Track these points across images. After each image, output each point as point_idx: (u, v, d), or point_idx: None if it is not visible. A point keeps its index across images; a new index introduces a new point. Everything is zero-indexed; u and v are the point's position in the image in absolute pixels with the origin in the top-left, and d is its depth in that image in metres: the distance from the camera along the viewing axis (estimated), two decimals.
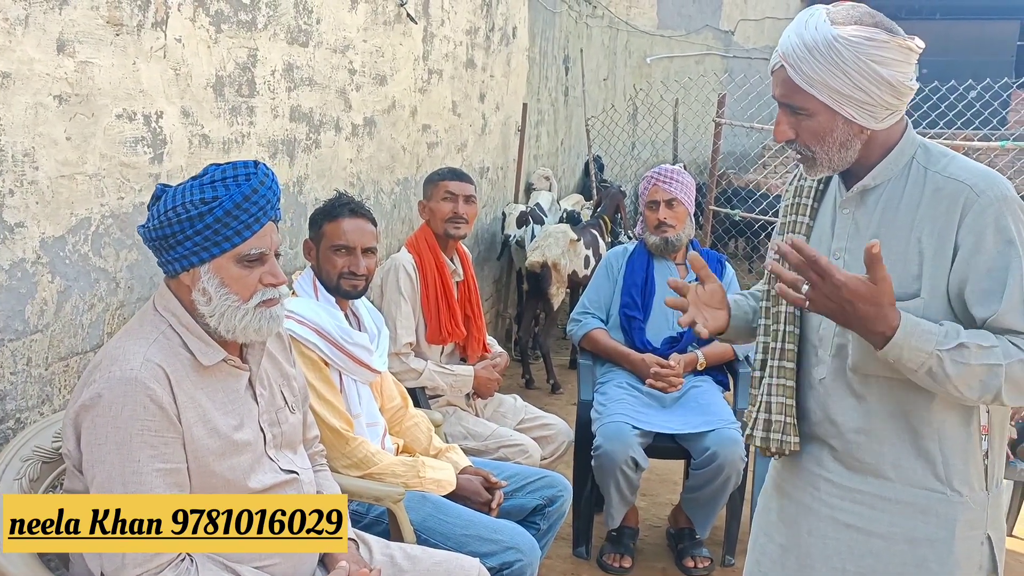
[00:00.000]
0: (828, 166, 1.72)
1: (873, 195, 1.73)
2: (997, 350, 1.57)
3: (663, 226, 3.66)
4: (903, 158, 1.71)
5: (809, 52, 1.62)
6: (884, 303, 1.56)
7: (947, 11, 17.79)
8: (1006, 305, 1.59)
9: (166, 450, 1.75)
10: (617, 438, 3.28)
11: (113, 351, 1.79)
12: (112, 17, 2.29)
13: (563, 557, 3.55)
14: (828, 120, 1.66)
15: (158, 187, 1.88)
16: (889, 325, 1.57)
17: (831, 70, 1.61)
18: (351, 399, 2.66)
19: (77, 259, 2.27)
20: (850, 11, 1.63)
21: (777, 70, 1.69)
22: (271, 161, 3.17)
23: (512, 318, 6.71)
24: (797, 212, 1.86)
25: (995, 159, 7.81)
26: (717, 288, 1.93)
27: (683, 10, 12.70)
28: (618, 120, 9.23)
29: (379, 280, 3.39)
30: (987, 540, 1.73)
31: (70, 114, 2.19)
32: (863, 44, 1.59)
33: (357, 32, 3.80)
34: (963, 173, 1.65)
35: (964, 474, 1.70)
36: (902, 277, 1.66)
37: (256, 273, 1.85)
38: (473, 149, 5.69)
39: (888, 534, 1.73)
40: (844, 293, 1.56)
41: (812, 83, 1.63)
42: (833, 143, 1.68)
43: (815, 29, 1.62)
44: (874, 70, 1.60)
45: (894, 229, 1.69)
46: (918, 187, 1.68)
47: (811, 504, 1.83)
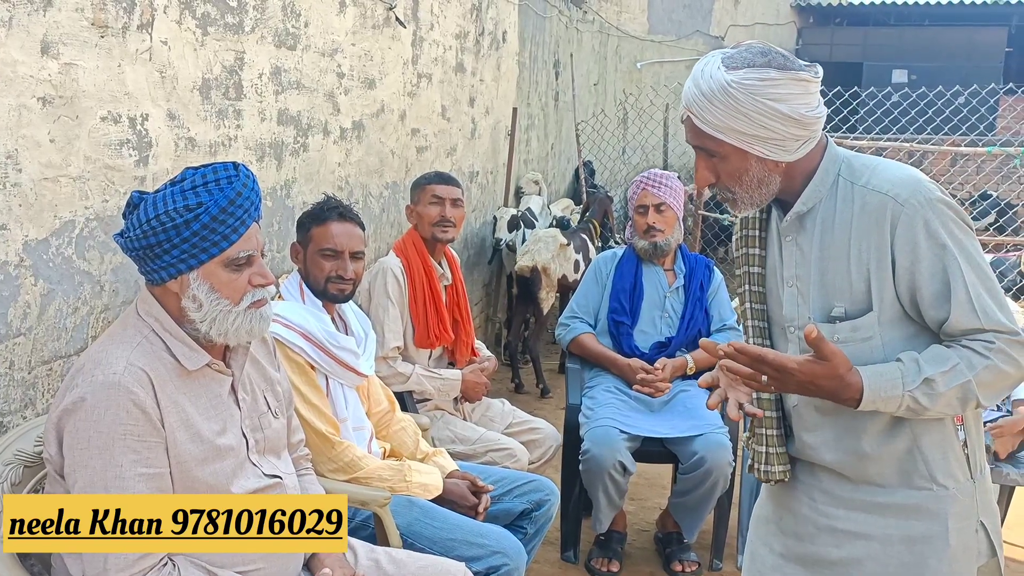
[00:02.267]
0: (751, 203, 1.74)
1: (809, 218, 1.75)
2: (960, 366, 1.60)
3: (652, 230, 3.66)
4: (828, 178, 1.73)
5: (708, 100, 1.64)
6: (841, 374, 1.60)
7: (936, 17, 17.87)
8: (955, 307, 1.61)
9: (149, 455, 1.74)
10: (605, 442, 3.27)
11: (96, 355, 1.78)
12: (97, 19, 2.29)
13: (551, 562, 3.55)
14: (741, 160, 1.68)
15: (134, 195, 1.84)
16: (854, 390, 1.61)
17: (731, 114, 1.63)
18: (337, 403, 2.65)
19: (61, 262, 2.25)
20: (743, 53, 1.65)
21: (685, 119, 1.72)
22: (258, 164, 3.16)
23: (502, 322, 6.71)
24: (747, 244, 1.88)
25: (983, 164, 7.84)
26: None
27: (673, 15, 12.73)
28: (608, 125, 9.24)
29: (367, 284, 3.38)
30: (981, 527, 1.75)
31: (54, 116, 2.18)
32: (756, 85, 1.61)
33: (345, 36, 3.79)
34: (885, 184, 1.67)
35: (946, 467, 1.72)
36: (852, 295, 1.69)
37: (245, 275, 1.85)
38: (463, 153, 5.69)
39: (885, 536, 1.75)
40: (800, 378, 1.60)
41: (717, 128, 1.66)
42: (751, 182, 1.70)
43: (710, 77, 1.64)
44: (772, 108, 1.62)
45: (835, 249, 1.71)
46: (848, 203, 1.70)
47: (808, 514, 1.84)
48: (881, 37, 18.07)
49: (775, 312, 1.84)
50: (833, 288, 1.72)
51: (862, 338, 1.69)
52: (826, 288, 1.73)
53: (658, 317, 3.69)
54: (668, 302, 3.71)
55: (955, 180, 9.58)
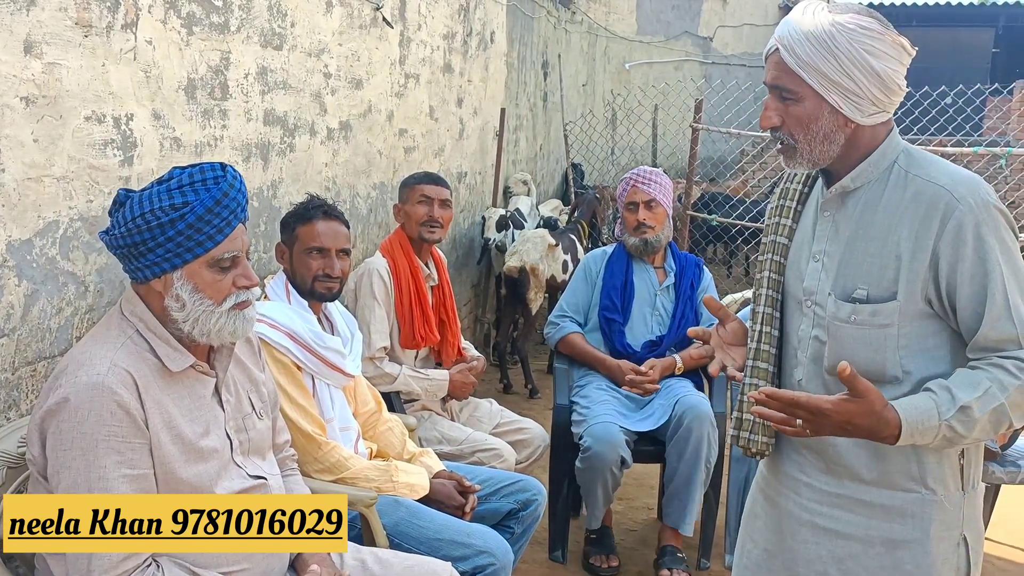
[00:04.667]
0: (809, 158, 1.73)
1: (853, 198, 1.74)
2: (992, 389, 1.58)
3: (642, 227, 3.66)
4: (884, 161, 1.72)
5: (805, 36, 1.65)
6: (878, 411, 1.58)
7: (923, 18, 17.92)
8: (990, 312, 1.60)
9: (132, 456, 1.73)
10: (606, 439, 3.28)
11: (80, 355, 1.77)
12: (81, 19, 2.27)
13: (539, 562, 3.55)
14: (814, 106, 1.68)
15: (121, 192, 1.84)
16: (893, 426, 1.58)
17: (823, 54, 1.64)
18: (324, 403, 2.64)
19: (45, 262, 2.24)
20: (850, 6, 1.68)
21: (771, 54, 1.72)
22: (245, 164, 3.15)
23: (490, 323, 6.71)
24: (780, 214, 1.88)
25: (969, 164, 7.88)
26: (737, 325, 1.94)
27: (662, 16, 12.77)
28: (597, 125, 9.26)
29: (353, 284, 3.38)
30: (963, 541, 1.74)
31: (37, 116, 2.16)
32: (857, 32, 1.63)
33: (332, 36, 3.78)
34: (944, 178, 1.66)
35: (938, 473, 1.71)
36: (879, 279, 1.68)
37: (229, 276, 1.84)
38: (451, 154, 5.69)
39: (866, 537, 1.74)
40: (836, 419, 1.58)
41: (803, 66, 1.66)
42: (817, 132, 1.69)
43: (813, 15, 1.67)
44: (864, 59, 1.63)
45: (872, 231, 1.70)
46: (899, 190, 1.69)
47: (793, 509, 1.84)
48: None
49: (793, 285, 1.83)
50: (860, 269, 1.70)
51: (880, 324, 1.67)
52: (853, 268, 1.71)
53: (649, 315, 3.69)
54: (659, 300, 3.71)
55: None
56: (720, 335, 1.94)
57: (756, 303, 1.87)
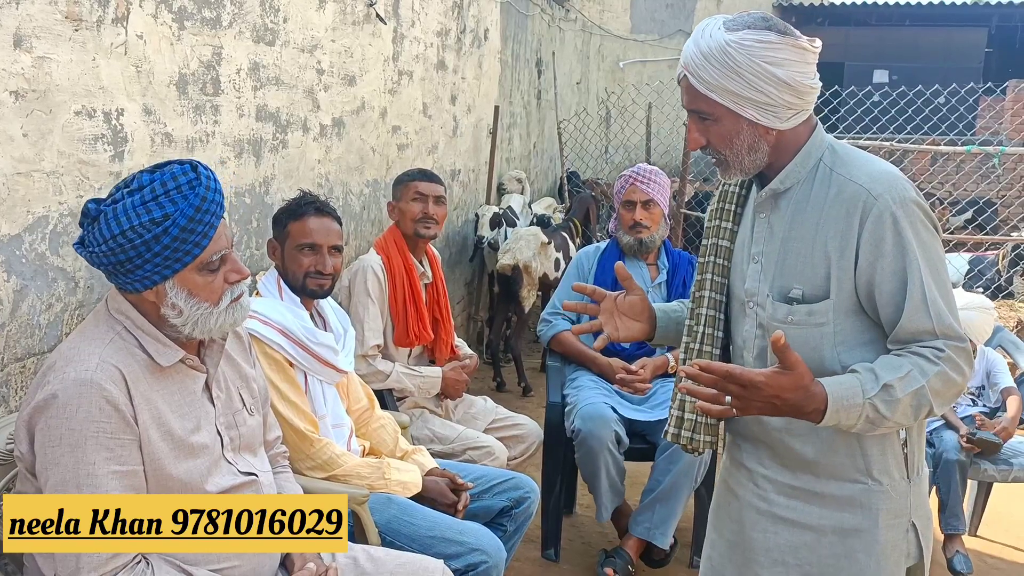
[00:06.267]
0: (740, 169, 1.76)
1: (785, 198, 1.78)
2: (913, 372, 1.62)
3: (638, 227, 3.65)
4: (810, 160, 1.75)
5: (705, 59, 1.67)
6: (806, 384, 1.60)
7: (916, 18, 17.96)
8: (910, 307, 1.63)
9: (122, 452, 1.71)
10: (596, 416, 3.27)
11: (68, 352, 1.75)
12: (71, 12, 2.26)
13: (532, 560, 3.54)
14: (733, 123, 1.70)
15: (90, 205, 1.75)
16: (819, 400, 1.61)
17: (727, 74, 1.65)
18: (316, 400, 2.63)
19: (34, 258, 2.22)
20: (745, 17, 1.69)
21: (682, 80, 1.74)
22: (237, 161, 3.13)
23: (484, 321, 6.70)
24: (720, 217, 1.92)
25: (962, 163, 7.90)
26: (638, 300, 1.97)
27: (656, 15, 12.77)
28: (591, 124, 9.25)
29: (347, 281, 3.36)
30: (912, 527, 1.79)
31: (27, 110, 2.15)
32: (754, 47, 1.64)
33: (325, 32, 3.77)
34: (862, 176, 1.69)
35: (883, 464, 1.75)
36: (812, 279, 1.71)
37: (220, 274, 1.83)
38: (444, 151, 5.67)
39: (819, 527, 1.78)
40: (767, 392, 1.60)
41: (712, 88, 1.68)
42: (741, 146, 1.72)
43: (710, 37, 1.68)
44: (768, 71, 1.64)
45: (803, 232, 1.74)
46: (824, 189, 1.72)
47: (752, 500, 1.87)
48: (862, 37, 18.14)
49: (737, 287, 1.87)
50: (794, 270, 1.74)
51: (816, 323, 1.71)
52: (787, 269, 1.75)
53: None
54: (651, 297, 3.69)
55: (935, 179, 9.63)
56: (617, 303, 1.96)
57: (698, 305, 1.91)
